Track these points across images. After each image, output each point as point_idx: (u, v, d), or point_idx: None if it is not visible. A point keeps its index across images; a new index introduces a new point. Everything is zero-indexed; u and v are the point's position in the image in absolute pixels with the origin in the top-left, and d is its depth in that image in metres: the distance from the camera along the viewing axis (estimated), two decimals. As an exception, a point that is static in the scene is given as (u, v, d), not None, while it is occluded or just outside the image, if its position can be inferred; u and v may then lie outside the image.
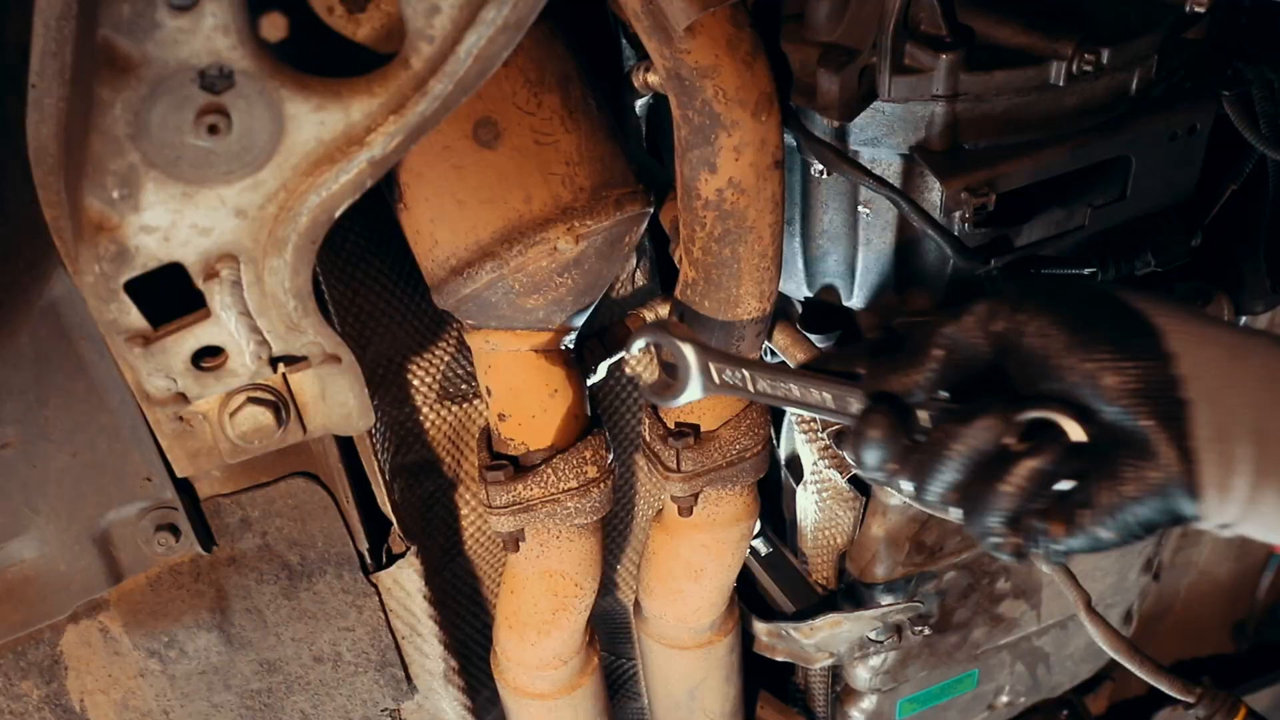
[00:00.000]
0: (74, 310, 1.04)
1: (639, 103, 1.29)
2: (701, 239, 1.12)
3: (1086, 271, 1.33)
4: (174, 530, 1.13)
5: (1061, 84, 1.08)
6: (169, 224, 0.86)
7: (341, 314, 1.23)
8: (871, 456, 0.87)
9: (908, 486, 0.87)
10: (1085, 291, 0.83)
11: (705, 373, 1.00)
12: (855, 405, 0.91)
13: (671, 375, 1.02)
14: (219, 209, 0.87)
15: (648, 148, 1.40)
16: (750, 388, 0.99)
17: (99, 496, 1.10)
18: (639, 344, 1.04)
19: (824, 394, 0.93)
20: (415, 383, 1.32)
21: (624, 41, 1.34)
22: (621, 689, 1.88)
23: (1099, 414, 0.78)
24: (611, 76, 1.27)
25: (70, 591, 1.12)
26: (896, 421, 0.86)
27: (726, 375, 0.99)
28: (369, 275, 1.26)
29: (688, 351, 1.00)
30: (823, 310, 1.34)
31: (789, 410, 0.96)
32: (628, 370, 1.45)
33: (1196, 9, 1.07)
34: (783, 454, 1.66)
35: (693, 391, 1.01)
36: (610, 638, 1.76)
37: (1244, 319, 1.70)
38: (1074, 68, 1.06)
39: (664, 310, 1.31)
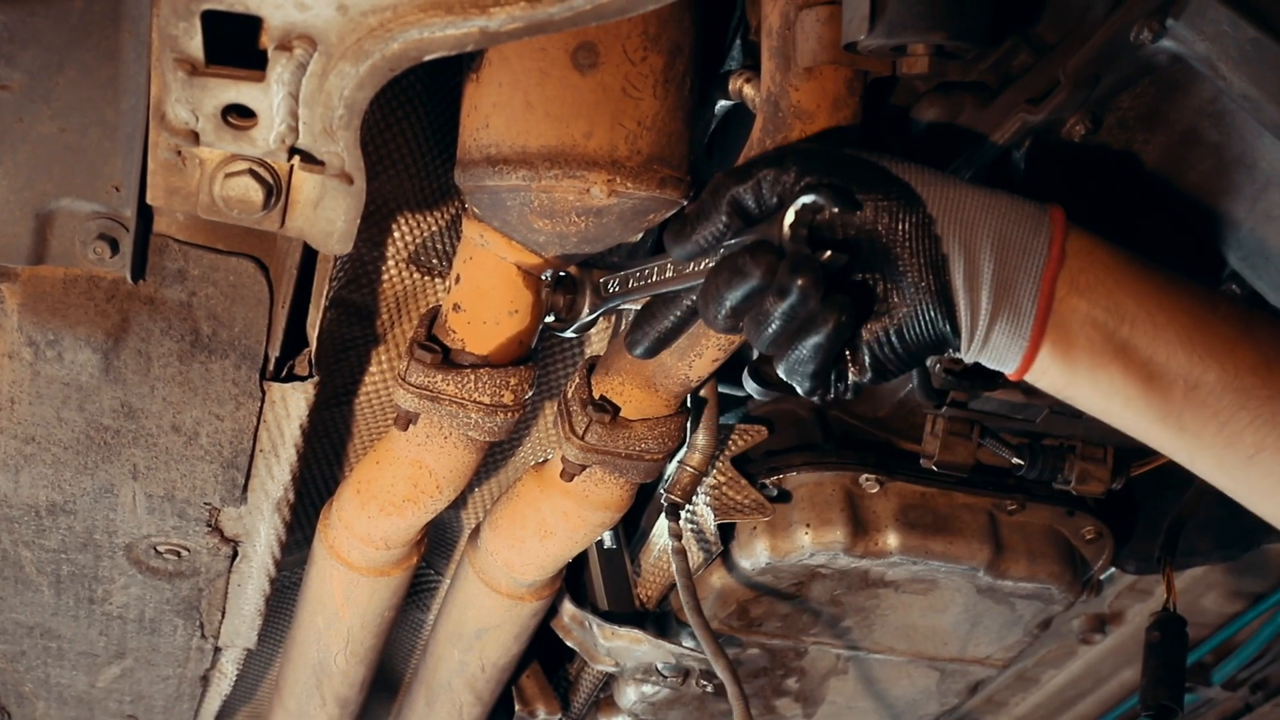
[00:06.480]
0: (136, 3, 1.03)
1: (720, 104, 1.31)
2: (716, 251, 1.15)
3: (1014, 462, 1.39)
4: (114, 245, 1.12)
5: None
6: (275, -18, 0.86)
7: (364, 137, 1.23)
8: (722, 301, 0.95)
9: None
10: (852, 160, 0.94)
11: (595, 290, 1.16)
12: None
13: (570, 301, 1.17)
14: (326, -6, 0.87)
15: (706, 145, 1.42)
16: (627, 286, 1.14)
17: (63, 179, 1.08)
18: (548, 272, 1.20)
19: (672, 270, 1.08)
20: (396, 234, 1.33)
21: (737, 42, 1.36)
22: (415, 598, 1.91)
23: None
24: (707, 67, 1.29)
25: (-11, 249, 1.10)
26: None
27: (612, 285, 1.15)
28: (408, 118, 1.26)
29: (580, 274, 1.17)
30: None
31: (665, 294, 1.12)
32: None
33: None
34: (670, 473, 1.70)
35: (589, 309, 1.17)
36: (432, 547, 1.78)
37: (1112, 570, 1.78)
38: None
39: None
